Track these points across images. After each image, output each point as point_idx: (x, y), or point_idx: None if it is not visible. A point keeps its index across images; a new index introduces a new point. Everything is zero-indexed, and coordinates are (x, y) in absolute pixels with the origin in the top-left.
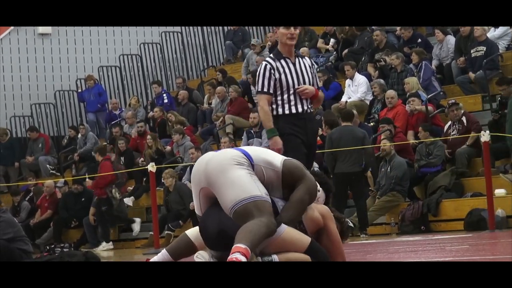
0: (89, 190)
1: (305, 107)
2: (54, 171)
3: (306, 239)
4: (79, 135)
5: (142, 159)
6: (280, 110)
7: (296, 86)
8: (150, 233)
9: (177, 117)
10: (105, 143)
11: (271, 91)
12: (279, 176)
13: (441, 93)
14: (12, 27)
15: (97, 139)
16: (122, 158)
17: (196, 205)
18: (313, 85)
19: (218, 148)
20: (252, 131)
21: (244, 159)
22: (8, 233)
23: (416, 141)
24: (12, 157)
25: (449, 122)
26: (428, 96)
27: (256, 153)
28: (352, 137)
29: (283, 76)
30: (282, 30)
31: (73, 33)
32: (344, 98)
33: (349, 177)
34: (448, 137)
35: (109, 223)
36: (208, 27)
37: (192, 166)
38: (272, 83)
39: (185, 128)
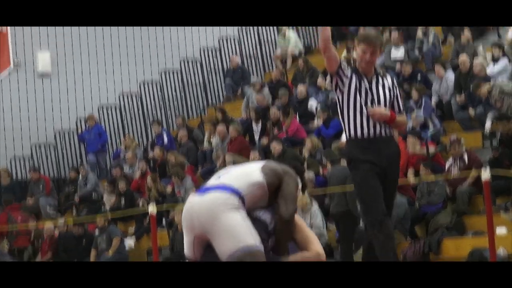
0: (90, 232)
1: (379, 130)
2: (54, 213)
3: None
4: (80, 176)
5: (143, 199)
6: (349, 133)
7: (368, 107)
8: None
9: (177, 158)
10: (106, 184)
11: (342, 65)
12: (265, 188)
13: (441, 130)
14: (11, 67)
15: (98, 180)
16: (123, 199)
17: (189, 249)
18: (392, 107)
19: None
20: None
21: (233, 197)
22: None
23: (416, 182)
24: (13, 199)
25: (450, 159)
26: (429, 134)
27: (239, 182)
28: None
29: (352, 91)
30: (358, 49)
31: (72, 72)
32: (344, 137)
33: (335, 217)
34: (449, 175)
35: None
36: (207, 65)
37: None
38: (342, 66)
39: (185, 168)
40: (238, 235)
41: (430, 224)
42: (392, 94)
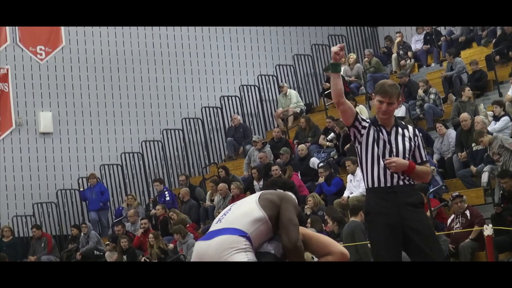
0: None
1: (396, 180)
2: None
3: None
4: (82, 234)
5: (144, 257)
6: (367, 183)
7: (386, 157)
8: None
9: (179, 216)
10: (108, 241)
11: (359, 117)
12: (268, 222)
13: (443, 187)
14: (14, 127)
15: (100, 238)
16: (125, 257)
17: None
18: (413, 157)
19: None
20: None
21: (240, 239)
22: None
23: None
24: (15, 256)
25: (453, 216)
26: (431, 190)
27: (242, 223)
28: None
29: (370, 142)
30: (375, 100)
31: (74, 131)
32: (346, 194)
33: None
34: (452, 231)
35: None
36: (209, 124)
37: None
38: (361, 121)
39: (187, 225)
40: None
41: None
42: (413, 144)
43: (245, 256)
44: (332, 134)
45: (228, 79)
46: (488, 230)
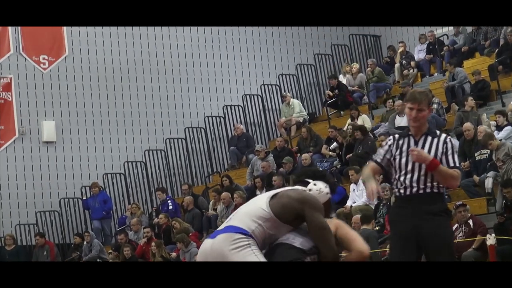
0: None
1: (416, 189)
2: None
3: None
4: (85, 243)
5: None
6: (394, 193)
7: (409, 167)
8: None
9: (182, 224)
10: (111, 250)
11: (379, 160)
12: (274, 219)
13: (446, 196)
14: (17, 135)
15: (102, 247)
16: None
17: None
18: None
19: None
20: None
21: (241, 237)
22: None
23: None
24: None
25: (456, 225)
26: None
27: (245, 221)
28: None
29: (397, 156)
30: (406, 109)
31: (77, 140)
32: (349, 203)
33: None
34: (455, 240)
35: None
36: (212, 133)
37: None
38: (386, 155)
39: (190, 234)
40: None
41: None
42: (439, 153)
43: (248, 251)
44: (334, 144)
45: (231, 89)
46: (491, 239)
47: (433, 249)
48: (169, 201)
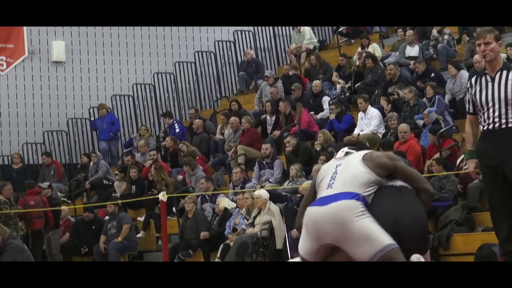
0: (100, 218)
1: (498, 124)
2: (65, 199)
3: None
4: (91, 163)
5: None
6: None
7: (490, 103)
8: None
9: (189, 148)
10: (117, 171)
11: (471, 110)
12: (378, 180)
13: (454, 127)
14: (26, 55)
15: (109, 168)
16: (133, 187)
17: (310, 253)
18: None
19: (230, 178)
20: (264, 162)
21: (357, 203)
22: (17, 259)
23: (429, 174)
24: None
25: (462, 156)
26: (441, 130)
27: (355, 186)
28: None
29: (477, 95)
30: (477, 47)
31: (87, 61)
32: (356, 131)
33: None
34: (461, 171)
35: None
36: (221, 58)
37: (203, 196)
38: (471, 101)
39: (197, 158)
40: (375, 238)
41: (440, 219)
42: None
43: (368, 220)
44: (341, 81)
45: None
46: None
47: None
48: (176, 125)
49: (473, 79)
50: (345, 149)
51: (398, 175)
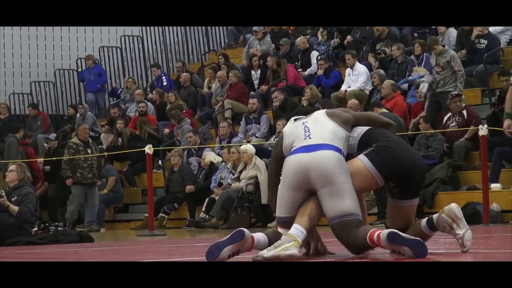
0: None
1: None
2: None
3: None
4: (78, 114)
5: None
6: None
7: None
8: (145, 215)
9: (177, 100)
10: (104, 123)
11: None
12: (348, 137)
13: None
14: None
15: (96, 119)
16: (120, 139)
17: (291, 208)
18: None
19: (216, 132)
20: (250, 117)
21: (342, 158)
22: (32, 206)
23: (415, 132)
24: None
25: (449, 114)
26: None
27: (336, 141)
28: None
29: None
30: None
31: None
32: (343, 87)
33: None
34: (447, 129)
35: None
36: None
37: (189, 150)
38: None
39: (184, 111)
40: (347, 199)
41: (425, 177)
42: None
43: (348, 179)
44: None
45: None
46: (483, 130)
47: None
48: (163, 77)
49: None
50: (292, 118)
51: (361, 122)
